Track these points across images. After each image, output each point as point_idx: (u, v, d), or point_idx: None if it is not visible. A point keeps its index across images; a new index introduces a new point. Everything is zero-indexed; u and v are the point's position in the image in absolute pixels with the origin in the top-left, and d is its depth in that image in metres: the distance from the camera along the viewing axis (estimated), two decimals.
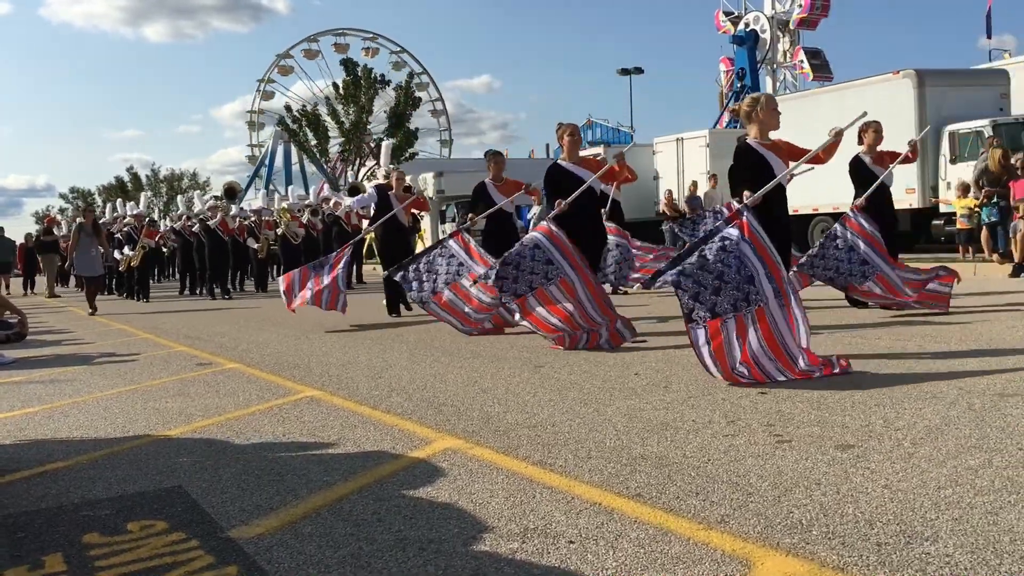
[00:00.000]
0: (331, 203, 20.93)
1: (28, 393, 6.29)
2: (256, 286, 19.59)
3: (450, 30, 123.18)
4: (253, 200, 22.56)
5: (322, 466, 3.78)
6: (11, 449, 4.49)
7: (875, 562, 2.39)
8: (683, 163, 24.95)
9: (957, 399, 4.30)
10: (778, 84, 37.49)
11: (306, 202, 21.96)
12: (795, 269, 7.69)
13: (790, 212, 20.19)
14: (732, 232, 5.13)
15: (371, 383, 5.83)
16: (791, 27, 37.00)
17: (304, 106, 48.17)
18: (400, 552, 2.69)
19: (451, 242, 8.42)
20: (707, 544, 2.60)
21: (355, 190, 21.22)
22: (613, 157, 8.16)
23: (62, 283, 28.94)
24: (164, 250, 21.69)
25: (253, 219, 19.70)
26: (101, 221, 26.38)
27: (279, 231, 18.74)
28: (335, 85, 46.90)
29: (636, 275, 11.58)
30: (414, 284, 8.32)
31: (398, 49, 53.28)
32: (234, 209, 20.52)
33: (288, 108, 47.71)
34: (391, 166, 12.65)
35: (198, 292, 19.08)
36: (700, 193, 19.85)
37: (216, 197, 26.12)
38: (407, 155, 42.35)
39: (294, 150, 48.23)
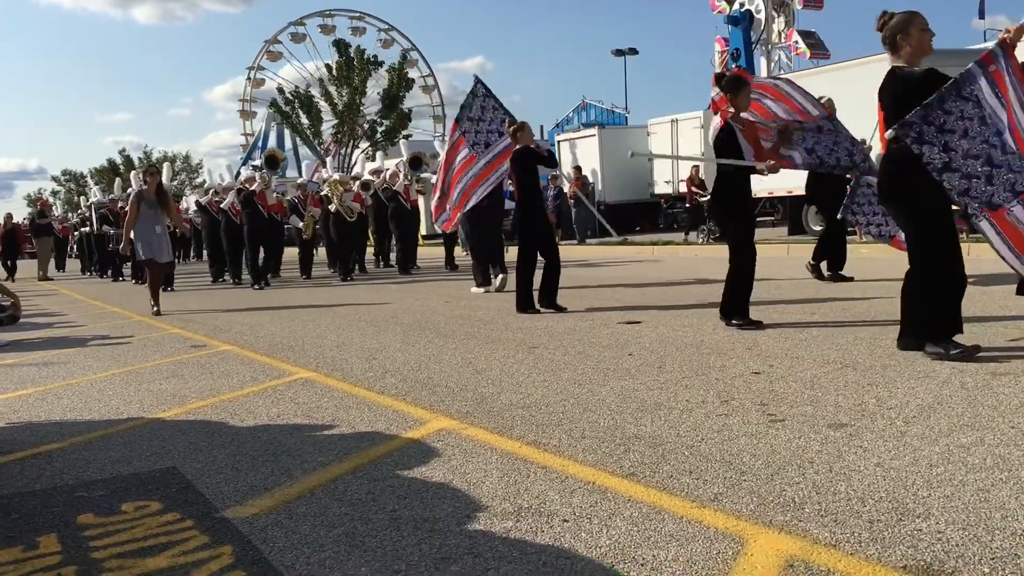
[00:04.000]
0: (387, 175, 17.11)
1: (22, 375, 6.28)
2: (302, 271, 16.32)
3: (441, 12, 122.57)
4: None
5: (316, 447, 3.78)
6: (5, 431, 4.48)
7: (867, 539, 2.40)
8: (678, 144, 24.90)
9: (949, 378, 4.32)
10: (772, 65, 37.35)
11: (352, 174, 18.35)
12: None
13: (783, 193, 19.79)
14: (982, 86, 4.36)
15: (365, 364, 5.82)
16: (797, 6, 36.66)
17: (297, 88, 47.91)
18: (394, 531, 2.70)
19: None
20: (700, 522, 2.61)
21: (416, 161, 17.40)
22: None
23: (59, 267, 28.36)
24: (177, 231, 17.64)
25: (297, 194, 16.50)
26: (110, 197, 21.75)
27: (331, 208, 15.44)
28: (328, 67, 46.64)
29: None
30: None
31: (386, 27, 52.91)
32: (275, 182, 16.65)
33: (280, 91, 47.41)
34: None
35: (226, 278, 16.23)
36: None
37: (255, 167, 20.97)
38: (401, 136, 42.15)
39: (287, 132, 47.96)
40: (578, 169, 23.25)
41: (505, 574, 2.34)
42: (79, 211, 24.17)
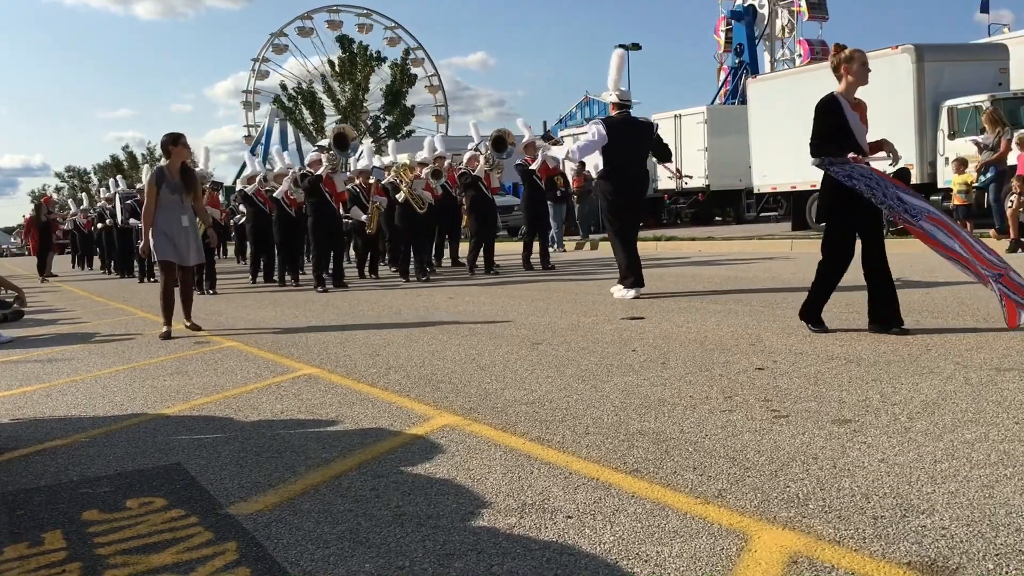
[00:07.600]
0: (465, 159, 14.69)
1: (26, 372, 6.29)
2: (362, 270, 14.64)
3: (443, 7, 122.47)
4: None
5: (320, 443, 3.78)
6: (9, 427, 4.49)
7: (871, 535, 2.40)
8: (681, 139, 24.87)
9: (954, 373, 4.31)
10: (776, 59, 37.30)
11: (419, 158, 14.78)
12: None
13: (787, 188, 19.78)
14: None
15: (369, 360, 5.83)
16: (804, 19, 36.40)
17: (300, 84, 47.95)
18: (398, 527, 2.70)
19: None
20: (704, 518, 2.61)
21: (500, 141, 14.20)
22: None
23: (79, 265, 27.68)
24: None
25: (358, 182, 14.11)
26: (139, 187, 17.95)
27: (399, 197, 12.88)
28: (331, 63, 46.65)
29: None
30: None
31: (392, 25, 52.99)
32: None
33: (283, 86, 47.44)
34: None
35: (276, 278, 14.21)
36: None
37: (320, 148, 17.48)
38: (403, 133, 42.17)
39: (290, 128, 48.00)
40: (582, 165, 23.21)
41: (508, 570, 2.34)
42: (109, 202, 21.99)
